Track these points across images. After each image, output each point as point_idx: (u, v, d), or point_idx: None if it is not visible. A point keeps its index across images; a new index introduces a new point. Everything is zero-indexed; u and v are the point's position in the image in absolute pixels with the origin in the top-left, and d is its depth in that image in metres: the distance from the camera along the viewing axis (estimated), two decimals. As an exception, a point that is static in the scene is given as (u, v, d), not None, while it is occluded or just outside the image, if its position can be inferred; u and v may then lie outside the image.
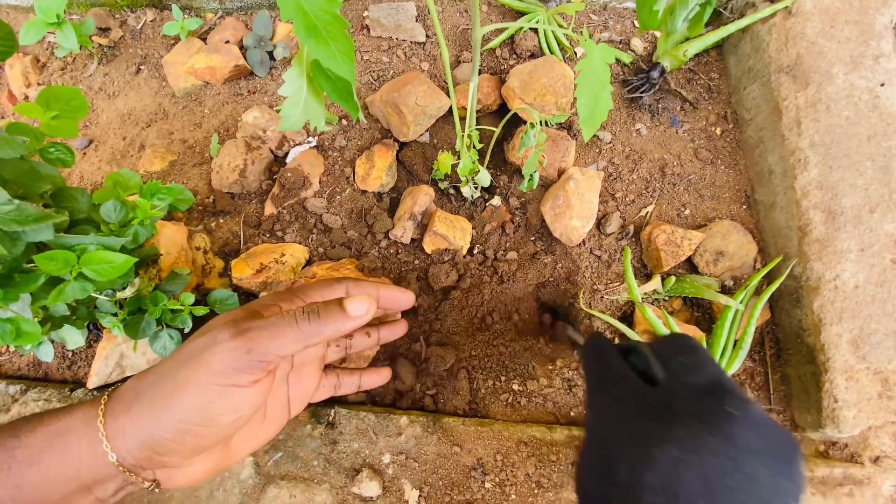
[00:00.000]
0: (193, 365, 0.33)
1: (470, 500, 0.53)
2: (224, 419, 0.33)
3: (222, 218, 0.71)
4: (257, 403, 0.35)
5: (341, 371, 0.50)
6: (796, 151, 0.59)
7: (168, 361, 0.35)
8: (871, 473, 0.52)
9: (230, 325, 0.34)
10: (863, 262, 0.55)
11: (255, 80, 0.79)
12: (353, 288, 0.44)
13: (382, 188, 0.70)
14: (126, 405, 0.34)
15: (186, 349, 0.34)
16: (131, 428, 0.33)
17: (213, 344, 0.33)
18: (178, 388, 0.32)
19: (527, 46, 0.75)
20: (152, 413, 0.32)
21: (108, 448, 0.32)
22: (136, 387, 0.35)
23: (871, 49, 0.61)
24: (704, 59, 0.75)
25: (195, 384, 0.32)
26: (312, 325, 0.34)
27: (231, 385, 0.32)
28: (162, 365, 0.35)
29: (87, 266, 0.43)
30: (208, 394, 0.32)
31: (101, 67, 0.84)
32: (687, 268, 0.65)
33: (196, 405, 0.32)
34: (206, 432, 0.33)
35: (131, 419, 0.33)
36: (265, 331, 0.33)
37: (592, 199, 0.64)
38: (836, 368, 0.53)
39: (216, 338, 0.33)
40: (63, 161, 0.52)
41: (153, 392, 0.33)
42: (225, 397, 0.32)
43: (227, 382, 0.32)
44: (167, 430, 0.32)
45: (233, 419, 0.33)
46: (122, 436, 0.33)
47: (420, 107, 0.68)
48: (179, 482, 0.36)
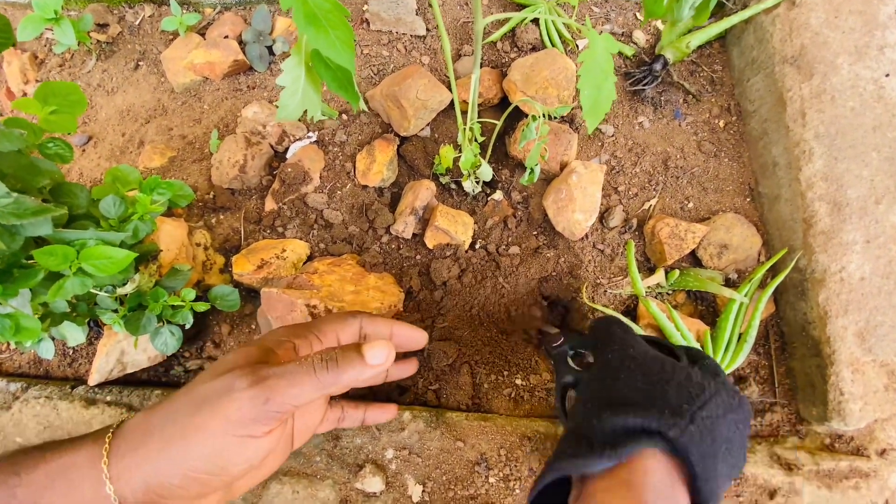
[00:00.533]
0: (208, 410, 0.32)
1: (474, 495, 0.52)
2: (235, 469, 0.33)
3: (223, 214, 0.70)
4: (268, 452, 0.35)
5: (346, 404, 0.50)
6: (801, 143, 0.59)
7: (180, 400, 0.35)
8: (878, 466, 0.52)
9: (248, 371, 0.33)
10: (869, 254, 0.54)
11: (255, 75, 0.79)
12: (367, 324, 0.44)
13: (383, 183, 0.69)
14: (132, 445, 0.33)
15: (200, 391, 0.34)
16: (137, 469, 0.32)
17: (230, 391, 0.32)
18: (191, 434, 0.32)
19: (528, 39, 0.74)
20: (161, 456, 0.32)
21: (111, 490, 0.32)
22: (144, 425, 0.34)
23: (876, 39, 0.61)
24: (707, 51, 0.75)
25: (210, 431, 0.32)
26: (331, 374, 0.34)
27: (246, 436, 0.32)
28: (172, 404, 0.35)
29: (87, 261, 0.43)
30: (223, 443, 0.32)
31: (100, 63, 0.84)
32: (691, 261, 0.65)
33: (208, 454, 0.32)
34: (214, 480, 0.33)
35: (138, 461, 0.32)
36: (283, 380, 0.33)
37: (595, 192, 0.64)
38: (841, 361, 0.53)
39: (234, 384, 0.33)
40: (62, 156, 0.52)
41: (163, 434, 0.33)
42: (239, 447, 0.32)
43: (242, 433, 0.32)
44: (175, 476, 0.32)
45: (244, 469, 0.33)
46: (127, 476, 0.32)
47: (421, 101, 0.68)
48: None
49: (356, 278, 0.62)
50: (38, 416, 0.59)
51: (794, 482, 0.51)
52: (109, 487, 0.31)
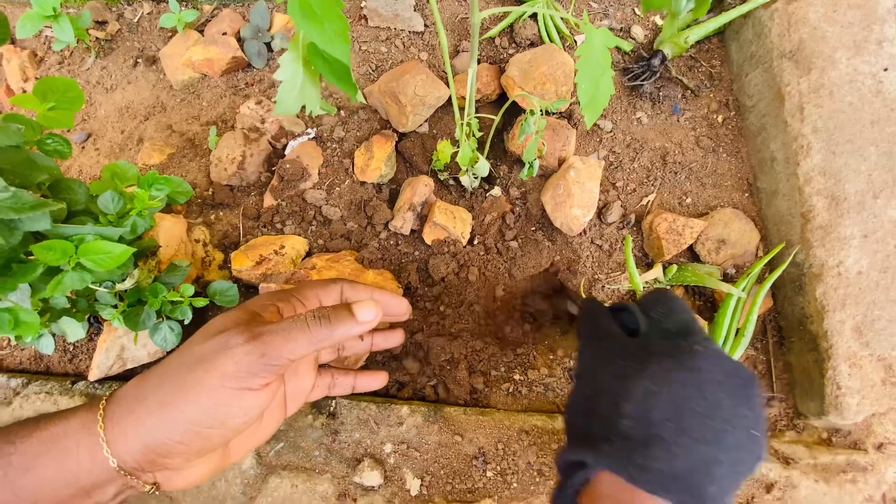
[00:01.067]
0: (204, 367, 0.33)
1: (471, 488, 0.52)
2: (234, 422, 0.33)
3: (221, 210, 0.71)
4: (266, 406, 0.35)
5: (336, 371, 0.50)
6: (799, 137, 0.59)
7: (172, 363, 0.35)
8: (875, 460, 0.52)
9: (242, 329, 0.34)
10: (866, 249, 0.54)
11: (253, 71, 0.79)
12: (347, 289, 0.44)
13: (381, 179, 0.69)
14: (128, 408, 0.33)
15: (194, 351, 0.34)
16: (134, 431, 0.32)
17: (226, 347, 0.33)
18: (189, 390, 0.32)
19: (526, 35, 0.74)
20: (160, 414, 0.32)
21: (109, 453, 0.32)
22: (138, 389, 0.34)
23: (875, 33, 0.60)
24: (706, 46, 0.74)
25: (207, 386, 0.32)
26: (324, 329, 0.35)
27: (244, 388, 0.33)
28: (165, 367, 0.35)
29: (86, 256, 0.43)
30: (220, 396, 0.32)
31: (99, 61, 0.84)
32: (688, 256, 0.65)
33: (207, 407, 0.32)
34: (214, 434, 0.33)
35: (134, 422, 0.33)
36: (278, 335, 0.34)
37: (593, 188, 0.64)
38: (839, 355, 0.53)
39: (229, 342, 0.33)
40: (60, 152, 0.52)
41: (160, 393, 0.33)
42: (237, 400, 0.33)
43: (239, 386, 0.32)
44: (175, 431, 0.32)
45: (243, 421, 0.34)
46: (124, 439, 0.32)
47: (419, 97, 0.68)
48: (179, 484, 0.35)
49: (354, 274, 0.62)
50: (39, 412, 0.59)
51: (791, 476, 0.51)
52: (107, 450, 0.32)
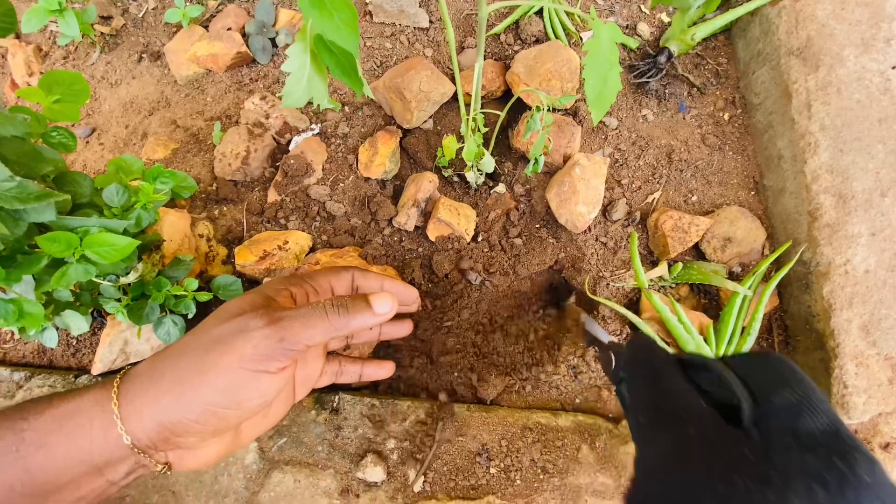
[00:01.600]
0: (223, 349, 0.33)
1: (475, 485, 0.52)
2: (250, 403, 0.33)
3: (225, 206, 0.70)
4: (281, 389, 0.35)
5: (344, 359, 0.51)
6: (806, 135, 0.58)
7: (189, 343, 0.35)
8: (882, 460, 0.51)
9: (262, 314, 0.34)
10: (874, 247, 0.54)
11: (258, 67, 0.78)
12: (358, 277, 0.45)
13: (386, 175, 0.69)
14: (143, 386, 0.33)
15: (211, 333, 0.34)
16: (149, 409, 0.32)
17: (245, 330, 0.33)
18: (206, 371, 0.32)
19: (532, 32, 0.74)
20: (176, 394, 0.32)
21: (123, 430, 0.32)
22: (153, 368, 0.34)
23: (883, 31, 0.60)
24: (712, 43, 0.74)
25: (225, 368, 0.32)
26: (342, 318, 0.35)
27: (261, 371, 0.33)
28: (181, 347, 0.35)
29: (90, 248, 0.43)
30: (238, 378, 0.32)
31: (104, 56, 0.84)
32: (694, 254, 0.65)
33: (224, 388, 0.32)
34: (230, 415, 0.33)
35: (150, 400, 0.33)
36: (297, 321, 0.34)
37: (598, 185, 0.64)
38: (845, 354, 0.52)
39: (248, 324, 0.34)
40: (65, 145, 0.52)
41: (176, 372, 0.33)
42: (254, 382, 0.33)
43: (257, 368, 0.33)
44: (192, 411, 0.32)
45: (258, 403, 0.34)
46: (138, 416, 0.32)
47: (424, 92, 0.67)
48: (191, 464, 0.35)
49: (358, 270, 0.62)
50: (42, 405, 0.59)
51: (796, 475, 0.51)
52: (121, 427, 0.32)
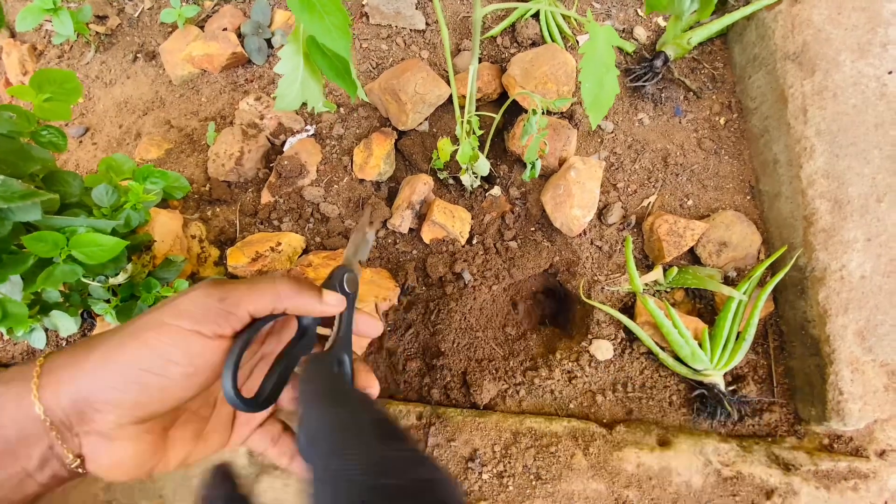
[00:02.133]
0: (160, 308, 0.31)
1: (467, 491, 0.52)
2: (175, 369, 0.30)
3: (218, 207, 0.70)
4: (209, 368, 0.32)
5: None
6: (802, 140, 0.58)
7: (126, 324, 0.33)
8: (877, 467, 0.51)
9: (208, 281, 0.33)
10: (870, 252, 0.54)
11: (253, 68, 0.78)
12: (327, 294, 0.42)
13: (380, 177, 0.69)
14: (68, 359, 0.31)
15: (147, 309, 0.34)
16: (69, 380, 0.30)
17: (185, 292, 0.31)
18: (138, 330, 0.30)
19: (528, 35, 0.74)
20: (101, 359, 0.30)
21: (36, 398, 0.29)
22: (87, 343, 0.32)
23: (879, 36, 0.60)
24: (708, 48, 0.74)
25: (157, 322, 0.30)
26: (290, 289, 0.33)
27: (194, 331, 0.30)
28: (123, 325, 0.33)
29: (77, 248, 0.42)
30: (169, 334, 0.30)
31: (98, 55, 0.84)
32: (689, 259, 0.64)
33: (154, 344, 0.30)
34: (153, 382, 0.30)
35: (72, 372, 0.30)
36: (242, 285, 0.32)
37: (594, 188, 0.63)
38: (841, 360, 0.52)
39: (189, 289, 0.32)
40: (55, 144, 0.51)
41: (109, 343, 0.31)
42: (184, 342, 0.30)
43: (191, 327, 0.30)
44: (114, 375, 0.30)
45: (183, 372, 0.31)
46: (56, 387, 0.30)
47: (419, 94, 0.67)
48: (104, 460, 0.32)
49: (351, 272, 0.61)
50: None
51: (791, 482, 0.50)
52: (35, 395, 0.29)
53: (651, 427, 0.55)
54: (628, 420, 0.57)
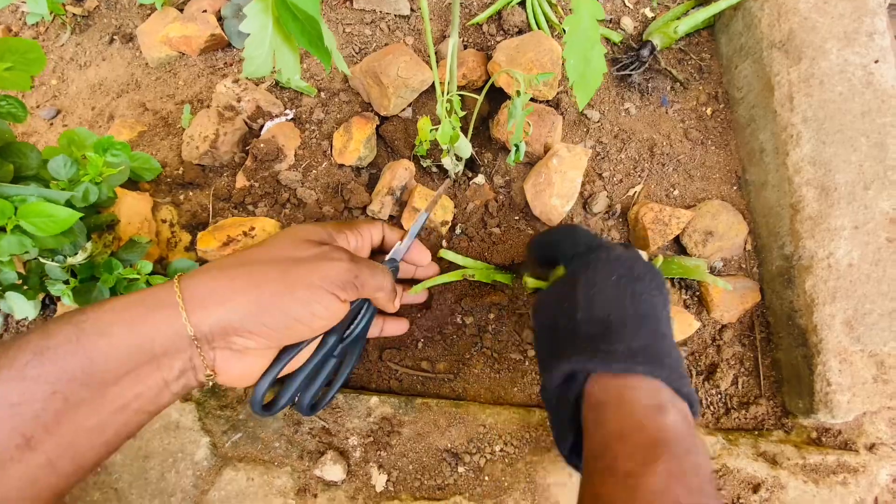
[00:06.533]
0: (309, 267, 0.37)
1: (441, 485, 0.49)
2: (318, 322, 0.38)
3: (191, 190, 0.67)
4: (335, 321, 0.40)
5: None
6: (788, 127, 0.57)
7: (263, 258, 0.37)
8: (866, 461, 0.49)
9: (343, 250, 0.40)
10: (857, 240, 0.52)
11: (233, 52, 0.76)
12: (386, 230, 0.52)
13: (360, 162, 0.67)
14: (209, 286, 0.35)
15: (292, 253, 0.38)
16: (217, 305, 0.34)
17: (329, 258, 0.38)
18: (294, 283, 0.36)
19: (514, 22, 0.73)
20: (254, 297, 0.34)
21: (186, 319, 0.33)
22: (220, 272, 0.36)
23: (865, 26, 0.59)
24: (695, 39, 0.73)
25: (308, 283, 0.36)
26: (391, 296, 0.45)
27: (334, 294, 0.37)
28: (252, 259, 0.37)
29: (26, 219, 0.40)
30: (317, 294, 0.36)
31: (74, 37, 0.81)
32: (675, 249, 0.63)
33: (305, 300, 0.36)
34: (298, 328, 0.37)
35: (218, 298, 0.34)
36: (370, 270, 0.41)
37: (575, 177, 0.62)
38: (829, 350, 0.50)
39: (331, 254, 0.39)
40: (14, 115, 0.49)
41: (254, 279, 0.35)
42: (327, 301, 0.37)
43: (334, 290, 0.37)
44: (268, 315, 0.35)
45: (322, 324, 0.38)
46: (203, 309, 0.33)
47: (402, 78, 0.66)
48: (234, 371, 0.37)
49: (327, 257, 0.59)
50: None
51: (778, 476, 0.48)
52: (185, 316, 0.33)
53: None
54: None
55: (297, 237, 0.40)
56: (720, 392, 0.56)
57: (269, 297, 0.35)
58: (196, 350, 0.34)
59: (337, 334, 0.44)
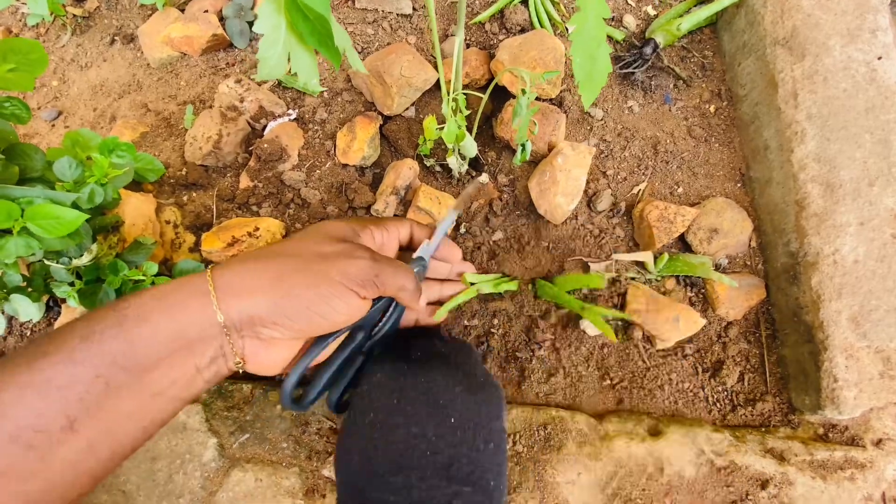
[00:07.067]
0: (331, 263, 0.37)
1: (450, 484, 0.49)
2: (338, 317, 0.38)
3: (195, 191, 0.67)
4: (356, 317, 0.40)
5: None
6: (793, 124, 0.57)
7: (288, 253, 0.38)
8: (874, 457, 0.49)
9: (365, 248, 0.40)
10: (862, 237, 0.52)
11: (235, 52, 0.76)
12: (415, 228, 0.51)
13: (364, 161, 0.67)
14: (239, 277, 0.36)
15: (316, 249, 0.38)
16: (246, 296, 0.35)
17: (351, 255, 0.38)
18: (315, 278, 0.36)
19: (517, 20, 0.73)
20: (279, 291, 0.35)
21: (217, 308, 0.34)
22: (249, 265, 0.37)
23: (868, 22, 0.60)
24: (698, 36, 0.73)
25: (329, 279, 0.37)
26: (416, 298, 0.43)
27: (354, 291, 0.37)
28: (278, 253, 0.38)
29: (33, 221, 0.40)
30: (338, 290, 0.37)
31: (75, 38, 0.81)
32: (680, 247, 0.63)
33: (327, 296, 0.36)
34: (318, 322, 0.37)
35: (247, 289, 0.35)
36: (392, 268, 0.40)
37: (580, 175, 0.62)
38: (835, 347, 0.51)
39: (354, 252, 0.39)
40: (18, 117, 0.49)
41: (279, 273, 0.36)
42: (347, 298, 0.37)
43: (354, 287, 0.37)
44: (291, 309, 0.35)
45: (343, 320, 0.38)
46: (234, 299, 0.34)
47: (405, 77, 0.65)
48: (263, 360, 0.38)
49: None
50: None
51: (786, 472, 0.48)
52: (216, 305, 0.34)
53: (642, 417, 0.53)
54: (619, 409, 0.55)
55: (323, 233, 0.41)
56: (726, 389, 0.56)
57: (291, 290, 0.35)
58: (226, 338, 0.34)
59: (365, 331, 0.44)
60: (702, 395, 0.56)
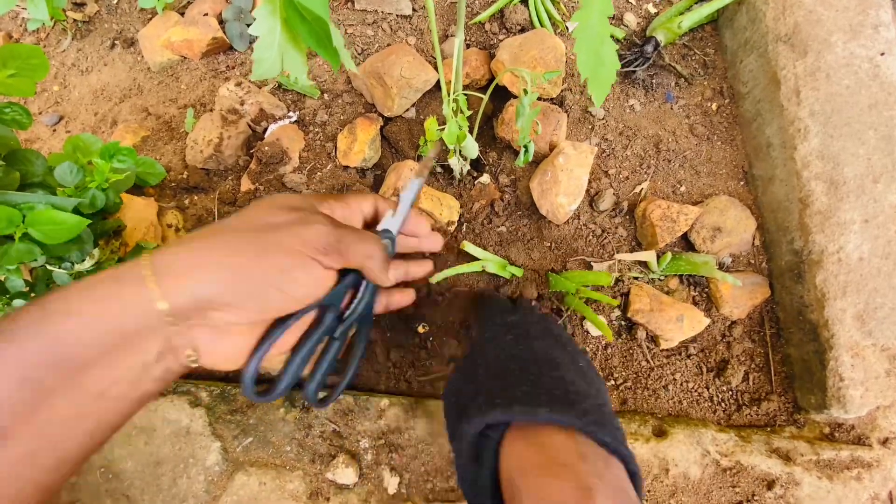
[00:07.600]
0: (285, 231, 0.33)
1: (454, 487, 0.49)
2: (297, 291, 0.34)
3: (196, 195, 0.67)
4: (322, 290, 0.36)
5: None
6: (796, 121, 0.57)
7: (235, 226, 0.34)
8: (880, 456, 0.49)
9: (323, 216, 0.36)
10: (867, 234, 0.52)
11: (235, 55, 0.76)
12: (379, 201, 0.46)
13: (365, 163, 0.67)
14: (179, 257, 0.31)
15: (268, 219, 0.34)
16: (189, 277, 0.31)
17: (307, 222, 0.34)
18: (269, 248, 0.33)
19: (517, 20, 0.73)
20: (228, 266, 0.31)
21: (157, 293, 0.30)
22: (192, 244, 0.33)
23: (871, 18, 0.59)
24: (699, 34, 0.73)
25: (287, 247, 0.33)
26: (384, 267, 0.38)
27: (315, 259, 0.34)
28: (225, 228, 0.34)
29: (34, 227, 0.40)
30: (297, 259, 0.33)
31: (75, 43, 0.81)
32: (683, 246, 0.63)
33: (284, 267, 0.32)
34: (276, 298, 0.33)
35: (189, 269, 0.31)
36: (355, 235, 0.36)
37: (581, 175, 0.61)
38: (841, 345, 0.50)
39: (309, 218, 0.35)
40: (19, 122, 0.49)
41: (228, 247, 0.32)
42: (308, 267, 0.34)
43: (314, 255, 0.33)
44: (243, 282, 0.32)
45: (303, 293, 0.34)
46: (175, 281, 0.30)
47: (405, 79, 0.65)
48: (218, 352, 0.34)
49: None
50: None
51: (793, 472, 0.48)
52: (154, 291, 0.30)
53: (646, 417, 0.53)
54: (623, 410, 0.54)
55: (274, 204, 0.36)
56: (731, 389, 0.56)
57: (242, 264, 0.32)
58: (172, 328, 0.31)
59: (334, 312, 0.39)
60: (706, 395, 0.56)
